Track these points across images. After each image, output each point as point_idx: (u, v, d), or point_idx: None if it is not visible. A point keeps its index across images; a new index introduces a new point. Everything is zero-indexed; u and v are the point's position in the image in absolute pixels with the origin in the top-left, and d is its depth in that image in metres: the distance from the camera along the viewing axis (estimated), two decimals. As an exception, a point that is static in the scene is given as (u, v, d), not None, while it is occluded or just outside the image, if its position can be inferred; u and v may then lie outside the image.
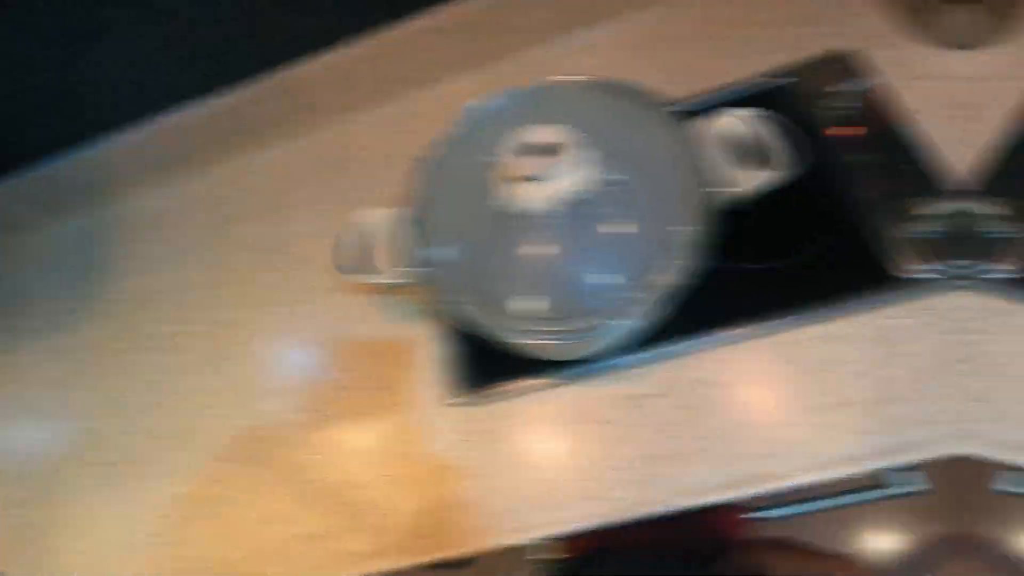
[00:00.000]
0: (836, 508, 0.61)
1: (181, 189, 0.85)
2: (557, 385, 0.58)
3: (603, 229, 0.59)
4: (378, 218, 0.58)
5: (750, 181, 0.47)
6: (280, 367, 0.69)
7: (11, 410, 0.77)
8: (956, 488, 0.94)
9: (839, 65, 0.62)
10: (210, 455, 0.64)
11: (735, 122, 0.50)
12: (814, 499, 0.60)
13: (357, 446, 0.62)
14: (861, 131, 0.59)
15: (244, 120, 0.79)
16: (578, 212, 0.57)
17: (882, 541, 1.09)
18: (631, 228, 0.57)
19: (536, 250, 0.56)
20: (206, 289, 0.76)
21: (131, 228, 0.85)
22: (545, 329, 0.50)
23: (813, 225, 0.56)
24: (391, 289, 0.60)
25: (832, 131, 0.59)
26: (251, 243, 0.78)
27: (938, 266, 0.50)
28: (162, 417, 0.70)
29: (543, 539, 0.52)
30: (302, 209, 0.78)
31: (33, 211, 0.85)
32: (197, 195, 0.84)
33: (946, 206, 0.52)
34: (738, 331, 0.54)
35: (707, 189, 0.48)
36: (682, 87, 0.67)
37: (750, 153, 0.49)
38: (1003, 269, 0.48)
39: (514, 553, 0.54)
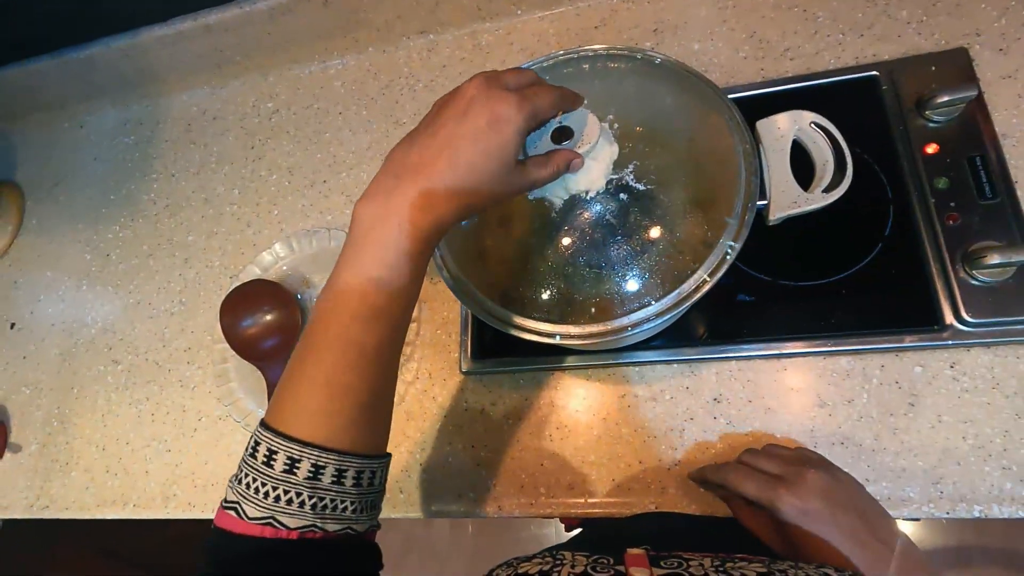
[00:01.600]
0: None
1: (226, 95, 0.83)
2: (564, 369, 0.57)
3: (637, 223, 0.56)
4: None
5: (813, 199, 0.42)
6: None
7: (40, 293, 0.80)
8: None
9: (943, 66, 0.55)
10: (218, 373, 0.66)
11: (807, 126, 0.45)
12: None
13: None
14: (948, 150, 0.52)
15: (299, 33, 0.74)
16: (611, 202, 0.53)
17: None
18: (667, 226, 0.54)
19: (563, 240, 0.54)
20: (232, 204, 0.76)
21: (170, 128, 0.84)
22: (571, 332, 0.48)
23: (872, 247, 0.52)
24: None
25: (917, 144, 0.53)
26: (283, 164, 0.76)
27: (998, 319, 0.46)
28: (175, 327, 0.72)
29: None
30: (344, 133, 0.75)
31: (79, 93, 0.84)
32: (241, 104, 0.81)
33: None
34: (755, 347, 0.52)
35: (763, 200, 0.44)
36: (754, 65, 0.61)
37: (819, 164, 0.44)
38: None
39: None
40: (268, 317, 0.64)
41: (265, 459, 0.32)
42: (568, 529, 0.95)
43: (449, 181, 0.33)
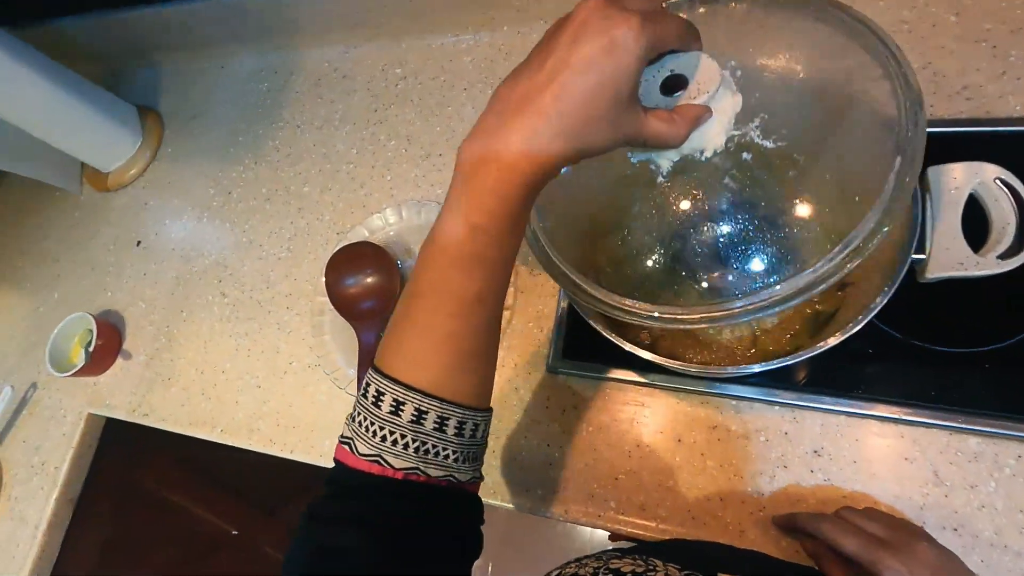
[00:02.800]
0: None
1: (358, 56, 0.85)
2: (655, 388, 0.55)
3: (765, 192, 0.51)
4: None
5: (985, 265, 0.38)
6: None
7: (167, 217, 0.87)
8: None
9: None
10: (314, 324, 0.69)
11: (990, 180, 0.40)
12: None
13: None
14: None
15: (438, 3, 0.75)
16: (731, 164, 0.48)
17: None
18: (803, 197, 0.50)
19: (672, 211, 0.49)
20: (348, 163, 0.78)
21: (301, 81, 0.87)
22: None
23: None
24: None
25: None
26: (403, 132, 0.77)
27: None
28: (281, 271, 0.75)
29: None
30: (467, 109, 0.75)
31: (225, 36, 0.89)
32: (371, 67, 0.83)
33: None
34: (871, 405, 0.48)
35: (921, 254, 0.40)
36: (931, 100, 0.55)
37: (997, 225, 0.39)
38: None
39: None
40: (369, 279, 0.66)
41: (374, 399, 0.33)
42: (612, 538, 0.94)
43: (555, 119, 0.29)
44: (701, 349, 0.51)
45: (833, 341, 0.40)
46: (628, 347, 0.47)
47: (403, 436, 0.33)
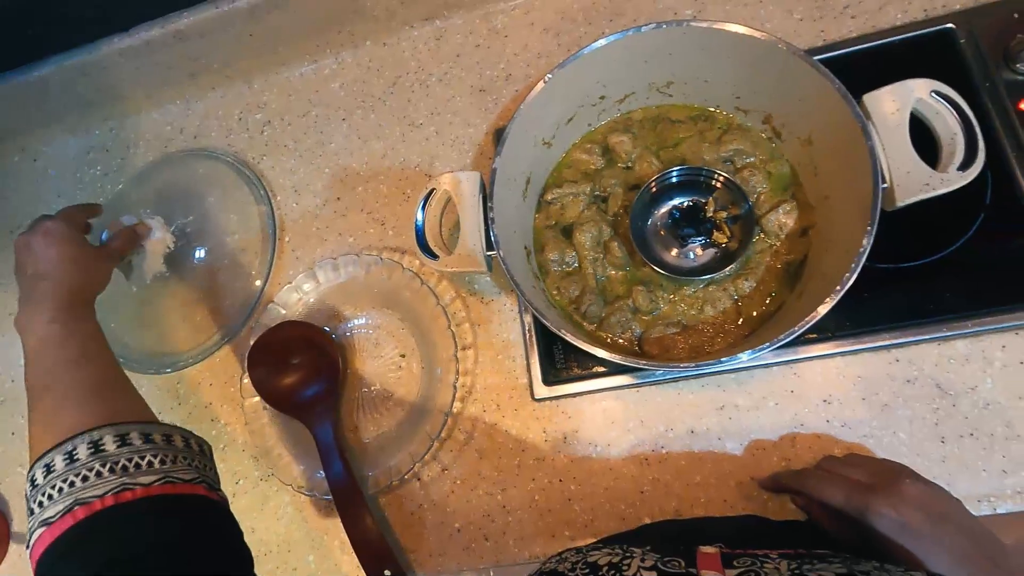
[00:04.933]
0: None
1: (204, 110, 0.73)
2: (651, 385, 0.52)
3: (720, 217, 0.50)
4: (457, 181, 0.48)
5: (949, 179, 0.38)
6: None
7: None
8: None
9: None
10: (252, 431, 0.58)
11: (926, 96, 0.40)
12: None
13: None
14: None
15: (285, 31, 0.65)
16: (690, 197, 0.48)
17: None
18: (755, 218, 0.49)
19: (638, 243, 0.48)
20: (230, 235, 0.67)
21: (143, 153, 0.73)
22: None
23: (972, 219, 0.48)
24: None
25: (1012, 100, 0.49)
26: (287, 184, 0.67)
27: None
28: (191, 381, 0.64)
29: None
30: (352, 139, 0.66)
31: (31, 121, 0.73)
32: (225, 118, 0.72)
33: None
34: (860, 339, 0.48)
35: (882, 183, 0.39)
36: (811, 28, 0.56)
37: (945, 139, 0.39)
38: None
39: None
40: (303, 361, 0.57)
41: (45, 469, 0.36)
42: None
43: (46, 271, 0.48)
44: (689, 334, 0.49)
45: (830, 303, 0.38)
46: (601, 353, 0.43)
47: (89, 469, 0.35)
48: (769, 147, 0.51)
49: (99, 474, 0.34)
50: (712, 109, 0.53)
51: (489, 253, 0.46)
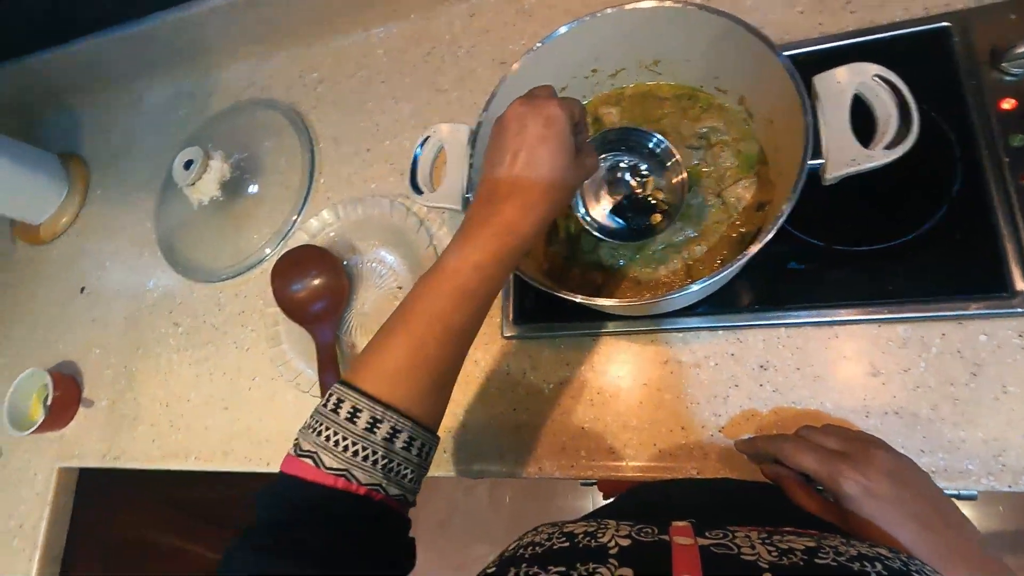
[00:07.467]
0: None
1: (271, 67, 0.85)
2: (606, 335, 0.57)
3: (682, 188, 0.54)
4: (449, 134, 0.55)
5: (874, 156, 0.40)
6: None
7: (107, 259, 0.85)
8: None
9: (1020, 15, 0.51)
10: (270, 336, 0.69)
11: (869, 79, 0.42)
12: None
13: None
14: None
15: (341, 2, 0.75)
16: (656, 167, 0.52)
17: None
18: (714, 189, 0.52)
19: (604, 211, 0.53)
20: (277, 173, 0.78)
21: (220, 101, 0.86)
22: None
23: (936, 209, 0.49)
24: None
25: (991, 99, 0.49)
26: (328, 134, 0.77)
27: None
28: (230, 291, 0.75)
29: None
30: (387, 101, 0.75)
31: (136, 68, 0.88)
32: (288, 76, 0.83)
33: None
34: (806, 314, 0.50)
35: (818, 158, 0.42)
36: (811, 20, 0.58)
37: (882, 119, 0.42)
38: None
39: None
40: (316, 281, 0.66)
41: (349, 415, 0.35)
42: (606, 498, 0.96)
43: (536, 183, 0.38)
44: (641, 290, 0.53)
45: (753, 249, 0.42)
46: (566, 295, 0.48)
47: (374, 453, 0.35)
48: (742, 127, 0.54)
49: (375, 463, 0.35)
50: (696, 88, 0.57)
51: (467, 195, 0.53)
